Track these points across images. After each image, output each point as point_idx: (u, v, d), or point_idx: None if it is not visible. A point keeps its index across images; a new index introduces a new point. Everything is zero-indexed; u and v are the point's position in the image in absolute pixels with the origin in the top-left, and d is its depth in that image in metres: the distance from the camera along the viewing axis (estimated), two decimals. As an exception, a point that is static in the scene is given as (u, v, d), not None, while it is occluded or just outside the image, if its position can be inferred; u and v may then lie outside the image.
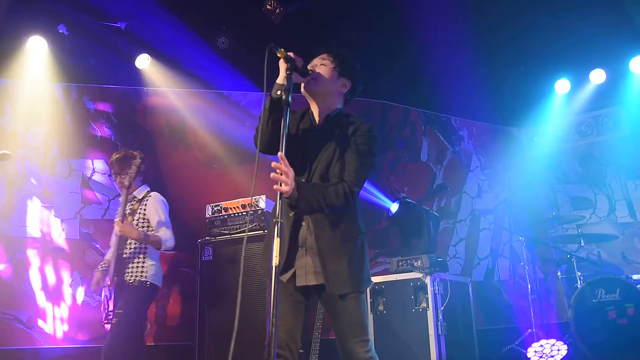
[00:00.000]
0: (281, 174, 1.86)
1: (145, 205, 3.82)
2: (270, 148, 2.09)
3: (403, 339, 4.09)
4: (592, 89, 6.15)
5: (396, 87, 5.98)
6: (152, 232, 3.72)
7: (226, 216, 4.36)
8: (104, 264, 3.84)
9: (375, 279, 4.39)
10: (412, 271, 4.25)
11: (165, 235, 3.68)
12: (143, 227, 3.75)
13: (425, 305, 4.04)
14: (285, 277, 2.11)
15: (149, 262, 3.71)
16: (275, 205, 1.85)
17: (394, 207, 4.75)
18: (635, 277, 4.64)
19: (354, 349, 2.04)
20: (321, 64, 2.23)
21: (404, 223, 4.68)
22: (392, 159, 6.06)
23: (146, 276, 3.67)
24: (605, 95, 6.14)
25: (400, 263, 4.43)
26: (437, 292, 4.06)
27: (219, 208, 4.41)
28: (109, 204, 5.06)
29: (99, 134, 5.21)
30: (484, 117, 6.60)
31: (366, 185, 5.45)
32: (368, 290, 4.36)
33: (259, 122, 2.14)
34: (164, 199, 3.92)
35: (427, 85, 5.73)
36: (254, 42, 2.00)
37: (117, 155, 3.88)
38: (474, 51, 5.17)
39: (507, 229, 6.21)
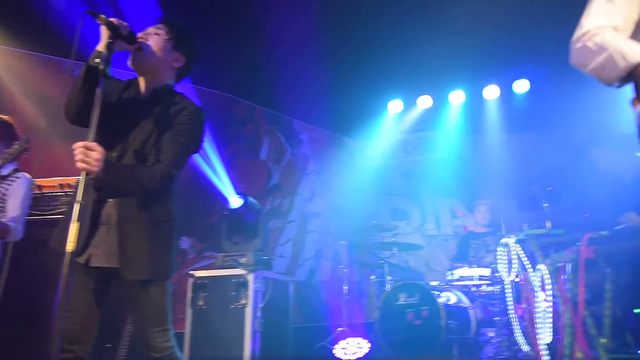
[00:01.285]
0: (87, 152, 1.72)
1: (9, 185, 3.25)
2: (81, 120, 1.91)
3: (220, 334, 4.09)
4: (420, 112, 6.81)
5: (245, 84, 5.97)
6: (4, 215, 3.20)
7: (40, 195, 3.93)
8: None
9: (198, 274, 4.34)
10: (236, 267, 4.27)
11: (18, 226, 3.21)
12: None
13: (245, 301, 4.09)
14: (82, 259, 1.94)
15: None
16: (79, 183, 1.71)
17: (236, 201, 4.71)
18: (432, 283, 5.23)
19: (152, 338, 1.96)
20: (155, 33, 2.11)
21: (242, 219, 4.69)
22: (232, 154, 6.05)
23: None
24: (429, 120, 6.84)
25: (225, 259, 4.42)
26: (258, 289, 4.14)
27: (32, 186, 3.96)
28: None
29: None
30: (323, 123, 6.91)
31: (218, 170, 5.39)
32: (190, 284, 4.29)
33: (71, 90, 1.95)
34: (32, 183, 3.38)
35: (274, 87, 5.82)
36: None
37: None
38: (319, 60, 5.38)
39: (332, 233, 6.57)
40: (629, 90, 1.59)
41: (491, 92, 6.30)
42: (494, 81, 6.24)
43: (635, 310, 3.23)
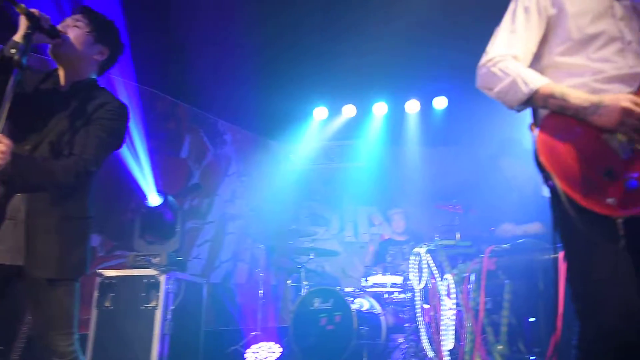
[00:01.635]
0: None
1: None
2: None
3: (126, 337, 3.93)
4: (344, 121, 6.93)
5: (169, 80, 5.80)
6: None
7: None
8: None
9: (106, 273, 4.14)
10: (148, 267, 4.13)
11: None
12: None
13: (155, 303, 3.96)
14: None
15: None
16: None
17: (155, 199, 4.54)
18: (347, 289, 5.33)
19: (54, 342, 1.86)
20: (74, 26, 2.01)
21: (158, 218, 4.54)
22: (152, 150, 5.85)
23: None
24: (352, 129, 6.98)
25: (137, 258, 4.26)
26: (169, 291, 4.02)
27: None
28: None
29: None
30: (248, 125, 6.86)
31: (137, 166, 5.17)
32: (96, 284, 4.10)
33: None
34: None
35: (200, 85, 5.71)
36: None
37: None
38: (247, 61, 5.35)
39: (251, 236, 6.52)
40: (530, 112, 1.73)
41: (412, 106, 6.54)
42: (415, 96, 6.48)
43: (530, 319, 3.47)
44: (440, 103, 6.41)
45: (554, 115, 1.57)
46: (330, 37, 5.29)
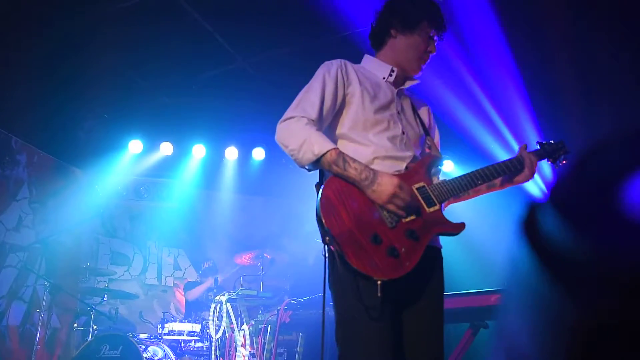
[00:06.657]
0: None
1: None
2: None
3: None
4: (159, 158, 6.66)
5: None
6: None
7: None
8: None
9: None
10: None
11: None
12: None
13: None
14: None
15: None
16: None
17: None
18: (142, 335, 5.00)
19: None
20: None
21: None
22: None
23: None
24: (168, 167, 6.74)
25: None
26: None
27: None
28: None
29: None
30: (49, 148, 6.20)
31: None
32: None
33: None
34: None
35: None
36: None
37: None
38: (51, 77, 4.92)
39: (35, 272, 5.75)
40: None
41: (231, 153, 6.61)
42: (234, 143, 6.57)
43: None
44: (258, 154, 6.60)
45: (338, 177, 1.74)
46: (150, 72, 5.15)
